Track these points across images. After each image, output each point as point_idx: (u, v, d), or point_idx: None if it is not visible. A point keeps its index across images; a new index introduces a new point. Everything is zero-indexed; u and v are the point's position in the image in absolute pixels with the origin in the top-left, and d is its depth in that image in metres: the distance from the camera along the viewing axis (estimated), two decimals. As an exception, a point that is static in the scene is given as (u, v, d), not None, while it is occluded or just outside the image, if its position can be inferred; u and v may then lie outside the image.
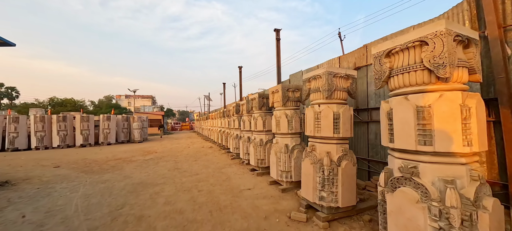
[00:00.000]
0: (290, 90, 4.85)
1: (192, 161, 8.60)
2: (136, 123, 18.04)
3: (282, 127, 4.78)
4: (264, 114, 6.30)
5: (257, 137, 6.31)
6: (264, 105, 6.35)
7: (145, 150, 12.45)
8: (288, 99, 4.81)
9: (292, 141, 4.76)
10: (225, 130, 12.23)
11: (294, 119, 4.75)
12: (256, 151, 6.17)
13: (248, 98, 6.88)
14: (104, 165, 8.25)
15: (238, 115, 9.15)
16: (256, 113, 6.43)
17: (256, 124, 6.32)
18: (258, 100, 6.24)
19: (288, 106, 4.88)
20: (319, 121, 3.58)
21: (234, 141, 9.00)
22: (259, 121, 6.22)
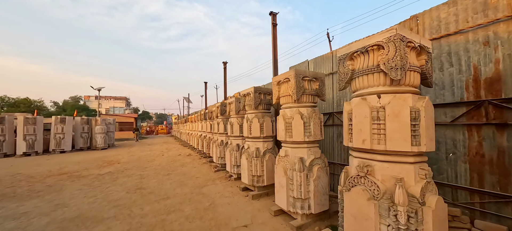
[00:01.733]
0: (307, 79, 3.35)
1: (164, 175, 6.69)
2: (99, 126, 15.28)
3: (295, 132, 3.25)
4: (261, 115, 4.73)
5: (252, 145, 4.71)
6: (262, 103, 4.79)
7: (105, 160, 10.09)
8: (304, 93, 3.30)
9: (309, 153, 3.24)
10: (206, 135, 10.42)
11: (313, 121, 3.25)
12: (251, 164, 4.56)
13: (240, 94, 5.27)
14: (37, 185, 5.99)
15: (223, 117, 7.47)
16: (251, 113, 4.84)
17: (250, 128, 4.72)
18: (254, 97, 4.66)
19: (304, 102, 3.38)
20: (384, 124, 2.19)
21: (218, 148, 7.27)
22: (255, 124, 4.64)
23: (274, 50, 6.56)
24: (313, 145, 3.32)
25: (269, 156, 4.56)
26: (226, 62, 11.85)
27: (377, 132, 2.02)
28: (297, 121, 3.23)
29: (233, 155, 5.88)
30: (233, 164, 5.88)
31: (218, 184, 5.59)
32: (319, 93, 3.47)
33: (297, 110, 3.29)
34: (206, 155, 10.18)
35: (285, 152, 3.39)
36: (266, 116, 4.74)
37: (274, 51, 6.54)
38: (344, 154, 4.33)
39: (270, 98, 4.93)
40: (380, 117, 2.02)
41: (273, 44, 6.59)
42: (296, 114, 3.25)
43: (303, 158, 3.21)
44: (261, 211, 3.82)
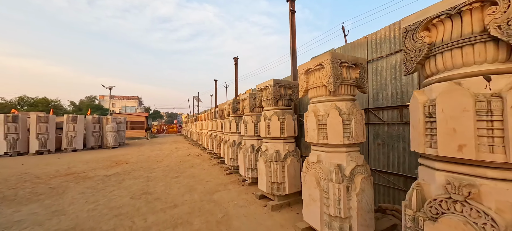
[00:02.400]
0: (345, 65, 2.65)
1: (172, 178, 6.19)
2: (110, 125, 15.20)
3: (331, 132, 2.56)
4: (281, 112, 4.07)
5: (271, 147, 4.07)
6: (282, 98, 4.12)
7: (114, 159, 9.81)
8: (342, 82, 2.61)
9: (349, 159, 2.55)
10: (217, 134, 9.89)
11: (354, 118, 2.55)
12: (270, 169, 3.92)
13: (253, 90, 4.63)
14: (41, 186, 5.66)
15: (236, 115, 6.87)
16: (269, 110, 4.19)
17: (268, 127, 4.08)
18: (273, 91, 4.00)
19: (342, 95, 2.68)
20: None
21: (230, 149, 6.69)
22: (274, 123, 3.99)
23: (292, 40, 5.86)
24: (353, 148, 2.63)
25: (291, 160, 3.91)
26: (237, 58, 11.26)
27: (488, 133, 1.32)
28: (334, 118, 2.55)
29: (248, 157, 5.26)
30: (248, 167, 5.27)
31: (231, 190, 4.99)
32: (359, 83, 2.77)
33: (334, 104, 2.61)
34: (217, 155, 9.66)
35: (317, 157, 2.72)
36: (287, 113, 4.08)
37: (293, 41, 5.85)
38: (383, 159, 3.59)
39: (291, 93, 4.26)
40: (494, 110, 1.31)
41: (291, 33, 5.89)
42: (332, 110, 2.57)
43: (342, 166, 2.53)
44: (284, 227, 3.17)
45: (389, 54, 3.47)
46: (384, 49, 3.56)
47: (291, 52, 5.86)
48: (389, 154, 3.49)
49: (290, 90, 4.27)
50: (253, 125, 5.34)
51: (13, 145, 11.87)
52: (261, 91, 4.42)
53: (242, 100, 5.80)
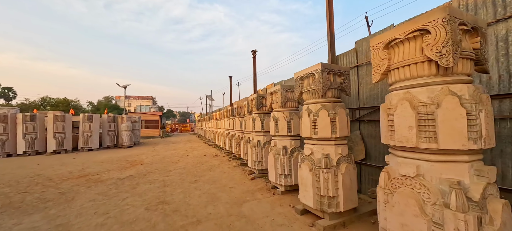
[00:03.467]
0: (462, 28, 1.72)
1: (190, 183, 5.49)
2: (125, 124, 14.97)
3: (445, 132, 1.65)
4: (331, 105, 3.18)
5: (317, 150, 3.19)
6: (332, 88, 3.23)
7: (128, 160, 9.35)
8: (462, 54, 1.68)
9: (473, 173, 1.63)
10: (235, 133, 9.14)
11: (485, 110, 1.62)
12: (319, 178, 3.05)
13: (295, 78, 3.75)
14: (50, 191, 5.17)
15: (261, 111, 6.05)
16: (314, 103, 3.31)
17: (314, 125, 3.20)
18: (322, 78, 3.11)
19: (459, 74, 1.76)
20: None
21: (255, 150, 5.88)
22: (323, 119, 3.11)
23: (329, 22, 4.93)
24: (478, 157, 1.70)
25: (346, 168, 3.01)
26: (255, 51, 10.42)
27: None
28: (450, 111, 1.63)
29: (280, 161, 4.43)
30: (280, 172, 4.43)
31: (261, 200, 4.18)
32: (480, 58, 1.83)
33: (447, 89, 1.69)
34: (236, 156, 8.92)
35: (416, 168, 1.81)
36: (338, 106, 3.18)
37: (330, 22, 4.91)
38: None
39: (341, 81, 3.35)
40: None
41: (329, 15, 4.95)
42: (447, 96, 1.66)
43: (464, 183, 1.62)
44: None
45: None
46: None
47: (329, 35, 4.93)
48: None
49: (341, 78, 3.36)
50: (286, 122, 4.49)
51: (31, 144, 11.84)
52: (302, 81, 3.54)
53: (271, 94, 4.96)
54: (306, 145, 3.40)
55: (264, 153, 5.78)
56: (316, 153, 3.20)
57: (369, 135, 4.18)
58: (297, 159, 4.39)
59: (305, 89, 3.45)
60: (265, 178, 5.64)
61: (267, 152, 5.79)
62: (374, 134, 4.08)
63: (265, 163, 5.77)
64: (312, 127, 3.22)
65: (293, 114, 4.61)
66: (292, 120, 4.54)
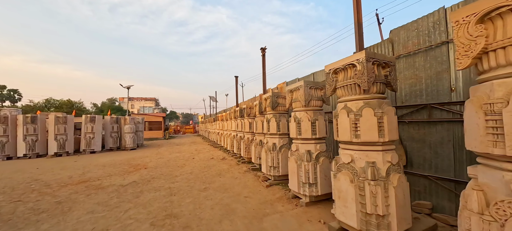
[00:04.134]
0: None
1: (199, 191, 4.95)
2: (128, 126, 14.53)
3: None
4: (377, 103, 2.61)
5: (360, 156, 2.62)
6: (377, 82, 2.66)
7: (131, 163, 8.86)
8: None
9: None
10: (244, 135, 8.60)
11: None
12: (364, 192, 2.48)
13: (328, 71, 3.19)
14: (47, 199, 4.67)
15: (276, 112, 5.51)
16: (355, 100, 2.74)
17: (356, 127, 2.63)
18: (366, 69, 2.54)
19: None
20: None
21: (270, 154, 5.32)
22: (368, 120, 2.54)
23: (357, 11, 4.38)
24: None
25: (398, 180, 2.44)
26: (264, 49, 9.90)
27: None
28: None
29: (304, 167, 3.86)
30: (304, 181, 3.86)
31: (284, 214, 3.61)
32: None
33: None
34: (245, 159, 8.37)
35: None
36: (384, 104, 2.61)
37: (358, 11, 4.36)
38: None
39: (387, 73, 2.79)
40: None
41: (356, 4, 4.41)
42: None
43: None
44: None
45: None
46: None
47: (356, 25, 4.39)
48: None
49: (386, 70, 2.80)
50: (310, 123, 3.93)
51: (32, 146, 11.44)
52: (336, 75, 2.98)
53: (290, 92, 4.41)
54: (343, 151, 2.83)
55: (281, 157, 5.23)
56: (358, 161, 2.63)
57: (410, 137, 3.59)
58: (324, 165, 3.83)
59: (341, 84, 2.88)
60: (283, 186, 5.08)
61: (283, 156, 5.24)
62: (416, 136, 3.50)
63: (282, 169, 5.22)
64: (352, 128, 2.65)
65: (317, 115, 4.05)
66: (317, 120, 3.98)
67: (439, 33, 3.21)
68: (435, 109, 3.25)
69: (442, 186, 3.17)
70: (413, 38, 3.55)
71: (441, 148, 3.20)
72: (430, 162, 3.31)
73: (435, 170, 3.26)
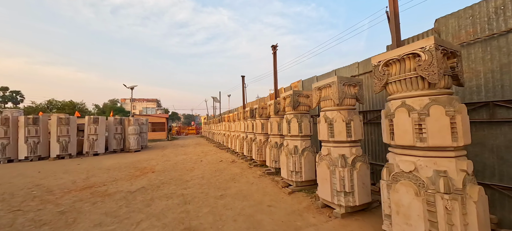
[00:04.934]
0: None
1: (216, 199, 4.51)
2: (132, 127, 14.12)
3: None
4: (447, 99, 2.16)
5: (426, 165, 2.17)
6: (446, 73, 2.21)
7: (137, 166, 8.44)
8: None
9: None
10: (256, 137, 8.15)
11: None
12: (437, 209, 2.03)
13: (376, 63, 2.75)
14: (48, 208, 4.25)
15: (297, 112, 5.07)
16: (417, 97, 2.29)
17: (421, 129, 2.18)
18: (435, 58, 2.10)
19: None
20: None
21: (291, 158, 4.88)
22: (437, 119, 2.10)
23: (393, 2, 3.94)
24: None
25: (478, 193, 1.99)
26: (276, 46, 9.46)
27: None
28: None
29: (338, 174, 3.41)
30: (338, 189, 3.41)
31: (319, 228, 3.16)
32: None
33: None
34: (257, 162, 7.93)
35: None
36: (455, 101, 2.16)
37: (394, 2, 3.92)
38: None
39: (453, 64, 2.34)
40: None
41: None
42: None
43: None
44: None
45: None
46: None
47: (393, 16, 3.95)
48: None
49: (452, 61, 2.35)
50: (344, 124, 3.49)
51: (33, 148, 11.05)
52: (387, 67, 2.54)
53: (318, 90, 3.96)
54: (402, 157, 2.38)
55: (304, 161, 4.78)
56: (424, 169, 2.18)
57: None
58: (361, 171, 3.38)
59: (394, 78, 2.44)
60: (307, 192, 4.63)
61: (306, 160, 4.80)
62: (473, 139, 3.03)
63: (306, 174, 4.78)
64: (416, 131, 2.21)
65: (352, 115, 3.60)
66: (352, 121, 3.54)
67: (504, 20, 2.76)
68: (500, 107, 2.80)
69: (510, 196, 2.71)
70: (467, 27, 3.10)
71: (508, 153, 2.74)
72: (493, 169, 2.85)
73: (500, 178, 2.80)
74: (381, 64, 2.56)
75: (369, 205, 3.63)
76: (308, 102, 5.17)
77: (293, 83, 8.03)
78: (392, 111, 2.44)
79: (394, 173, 2.39)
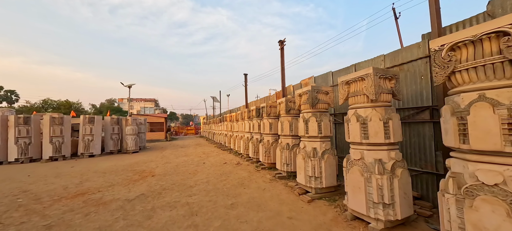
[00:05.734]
0: None
1: (227, 209, 3.97)
2: (130, 127, 13.50)
3: None
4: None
5: (517, 175, 1.66)
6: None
7: (135, 169, 7.85)
8: None
9: None
10: (264, 137, 7.62)
11: None
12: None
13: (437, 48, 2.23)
14: (34, 220, 3.67)
15: (315, 110, 4.55)
16: (497, 88, 1.78)
17: (510, 128, 1.67)
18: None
19: None
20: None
21: (310, 162, 4.35)
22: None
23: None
24: None
25: None
26: (283, 41, 8.95)
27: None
28: None
29: (376, 182, 2.89)
30: (376, 200, 2.89)
31: (357, 248, 2.64)
32: None
33: None
34: (265, 165, 7.39)
35: None
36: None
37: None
38: None
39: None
40: None
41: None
42: None
43: None
44: None
45: None
46: None
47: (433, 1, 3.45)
48: None
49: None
50: (382, 124, 2.97)
51: (24, 150, 10.39)
52: (453, 52, 2.02)
53: (346, 85, 3.44)
54: (480, 165, 1.86)
55: (324, 165, 4.26)
56: None
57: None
58: (403, 179, 2.86)
59: (467, 65, 1.92)
60: (328, 200, 4.11)
61: (327, 163, 4.28)
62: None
63: (326, 180, 4.25)
64: (505, 131, 1.69)
65: (389, 112, 3.09)
66: (391, 120, 3.02)
67: None
68: None
69: None
70: None
71: None
72: None
73: None
74: (446, 48, 2.04)
75: (408, 218, 3.12)
76: (328, 100, 4.65)
77: (304, 80, 7.52)
78: (463, 107, 1.92)
79: (468, 185, 1.87)
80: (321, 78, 6.57)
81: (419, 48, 3.79)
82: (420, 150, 3.93)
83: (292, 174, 5.91)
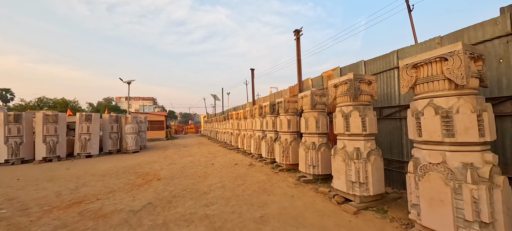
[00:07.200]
0: None
1: (258, 224, 3.22)
2: (130, 126, 12.67)
3: None
4: None
5: None
6: None
7: (138, 172, 7.07)
8: None
9: None
10: (281, 136, 6.88)
11: None
12: None
13: None
14: (14, 243, 2.90)
15: (357, 102, 3.81)
16: None
17: None
18: None
19: None
20: None
21: (353, 165, 3.61)
22: None
23: None
24: None
25: None
26: (299, 31, 8.19)
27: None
28: None
29: (469, 194, 2.15)
30: (470, 217, 2.15)
31: None
32: None
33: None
34: (282, 166, 6.65)
35: None
36: None
37: None
38: None
39: None
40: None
41: None
42: None
43: None
44: None
45: None
46: None
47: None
48: None
49: None
50: (475, 117, 2.23)
51: (15, 150, 9.54)
52: None
53: (413, 68, 2.67)
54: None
55: (371, 168, 3.52)
56: None
57: None
58: (505, 190, 2.13)
59: None
60: (378, 211, 3.39)
61: (374, 167, 3.54)
62: None
63: (374, 186, 3.52)
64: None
65: (481, 102, 2.35)
66: (485, 112, 2.28)
67: None
68: None
69: None
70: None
71: None
72: None
73: None
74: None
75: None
76: (371, 91, 3.92)
77: (326, 72, 6.78)
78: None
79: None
80: (349, 69, 5.83)
81: (496, 25, 3.04)
82: (506, 151, 3.02)
83: (320, 177, 5.20)
